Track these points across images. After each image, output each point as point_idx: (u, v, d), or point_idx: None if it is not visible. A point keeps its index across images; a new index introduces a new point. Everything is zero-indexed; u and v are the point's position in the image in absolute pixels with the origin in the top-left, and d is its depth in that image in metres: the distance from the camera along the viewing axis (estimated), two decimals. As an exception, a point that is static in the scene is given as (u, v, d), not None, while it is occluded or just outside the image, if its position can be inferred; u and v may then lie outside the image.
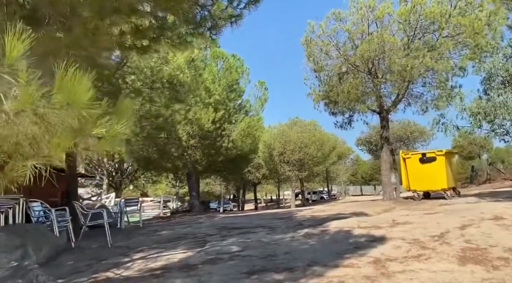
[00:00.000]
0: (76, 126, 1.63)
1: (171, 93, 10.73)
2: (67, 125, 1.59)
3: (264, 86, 20.93)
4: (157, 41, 4.86)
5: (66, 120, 1.57)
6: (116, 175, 30.50)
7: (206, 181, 34.92)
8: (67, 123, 1.59)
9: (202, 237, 8.01)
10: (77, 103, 1.53)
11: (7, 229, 5.85)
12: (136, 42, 4.80)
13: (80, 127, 1.66)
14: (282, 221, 9.75)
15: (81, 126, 1.65)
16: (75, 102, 1.53)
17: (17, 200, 7.17)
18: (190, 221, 12.26)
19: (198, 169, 18.94)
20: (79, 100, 1.53)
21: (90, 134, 1.80)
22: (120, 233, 10.05)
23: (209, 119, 16.64)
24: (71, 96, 1.50)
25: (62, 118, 1.55)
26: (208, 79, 17.34)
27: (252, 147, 21.28)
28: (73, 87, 1.49)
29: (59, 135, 1.62)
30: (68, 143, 1.69)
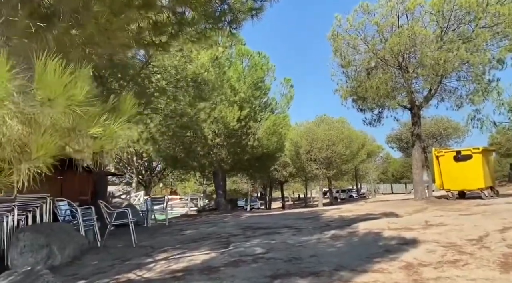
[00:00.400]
0: (68, 126, 1.48)
1: (195, 91, 10.66)
2: (55, 124, 1.44)
3: (290, 84, 20.64)
4: (175, 38, 4.72)
5: (55, 119, 1.42)
6: (145, 173, 31.03)
7: (233, 179, 34.94)
8: (56, 122, 1.44)
9: (226, 237, 7.87)
10: (61, 100, 1.38)
11: (33, 228, 5.91)
12: (154, 39, 4.68)
13: (73, 127, 1.51)
14: (308, 221, 9.48)
15: (74, 125, 1.50)
16: (58, 98, 1.37)
17: (44, 199, 7.26)
18: (215, 220, 12.18)
19: (224, 167, 18.89)
20: (63, 96, 1.38)
21: (86, 134, 1.65)
22: (146, 231, 10.09)
23: (234, 117, 16.53)
24: (52, 92, 1.35)
25: (49, 117, 1.40)
26: (233, 77, 17.22)
27: (278, 145, 21.03)
28: (54, 82, 1.33)
29: (46, 136, 1.47)
30: (54, 144, 1.54)
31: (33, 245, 5.77)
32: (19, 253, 5.67)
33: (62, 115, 1.44)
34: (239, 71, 17.75)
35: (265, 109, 20.04)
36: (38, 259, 5.78)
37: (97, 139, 1.75)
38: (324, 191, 52.88)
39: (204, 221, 12.26)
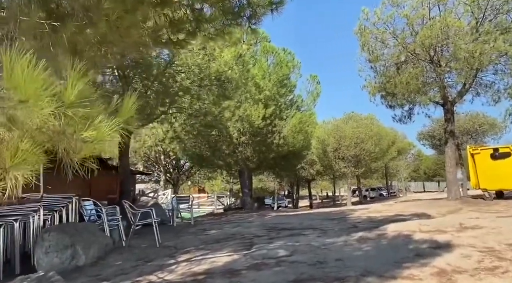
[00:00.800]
0: (57, 129, 1.36)
1: (219, 90, 10.57)
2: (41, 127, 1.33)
3: (316, 80, 20.24)
4: (193, 35, 4.59)
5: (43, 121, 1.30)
6: (173, 171, 31.43)
7: (259, 177, 34.82)
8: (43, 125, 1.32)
9: (249, 238, 7.72)
10: (35, 101, 1.25)
11: (58, 228, 5.97)
12: (172, 37, 4.57)
13: (62, 129, 1.39)
14: (334, 222, 9.20)
15: (63, 128, 1.38)
16: (31, 99, 1.24)
17: (70, 199, 7.35)
18: (240, 220, 12.08)
19: (249, 166, 18.79)
20: (38, 97, 1.25)
21: (78, 137, 1.53)
22: (171, 231, 10.10)
23: (259, 115, 16.37)
24: (23, 93, 1.22)
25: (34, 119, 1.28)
26: (258, 75, 17.05)
27: (304, 143, 20.72)
28: (25, 81, 1.20)
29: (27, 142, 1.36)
30: (35, 151, 1.42)
31: (58, 245, 5.82)
32: (44, 253, 5.72)
33: (50, 117, 1.32)
34: (264, 69, 17.56)
35: (291, 107, 19.77)
36: (63, 259, 5.83)
37: (87, 142, 1.63)
38: (353, 189, 51.94)
39: (229, 220, 12.19)
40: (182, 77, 10.07)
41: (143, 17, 3.82)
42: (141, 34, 3.92)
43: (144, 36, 3.96)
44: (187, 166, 30.13)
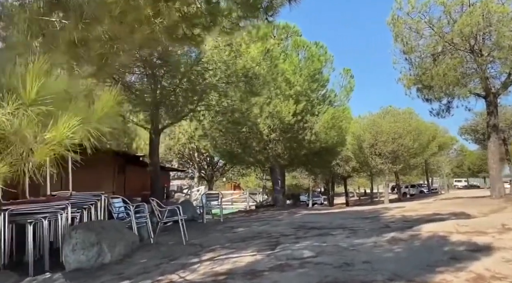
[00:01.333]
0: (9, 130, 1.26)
1: (246, 86, 10.45)
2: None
3: (349, 74, 19.65)
4: (209, 29, 4.47)
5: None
6: (207, 168, 31.79)
7: (293, 174, 34.46)
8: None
9: (276, 237, 7.55)
10: None
11: (85, 226, 6.07)
12: (187, 32, 4.46)
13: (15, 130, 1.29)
14: (366, 222, 8.84)
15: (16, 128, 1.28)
16: None
17: (98, 196, 7.49)
18: (270, 217, 11.92)
19: (280, 163, 18.57)
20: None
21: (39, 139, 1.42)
22: (200, 228, 10.12)
23: (289, 111, 16.09)
24: None
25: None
26: (288, 70, 16.75)
27: (338, 139, 20.19)
28: None
29: None
30: None
31: (85, 242, 5.91)
32: (71, 250, 5.83)
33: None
34: (295, 64, 17.24)
35: (323, 102, 19.31)
36: (89, 256, 5.92)
37: (47, 144, 1.53)
38: (392, 186, 50.43)
39: (258, 218, 12.06)
40: (210, 74, 10.03)
41: (154, 13, 3.72)
42: (152, 29, 3.82)
43: (156, 32, 3.86)
44: (221, 163, 30.35)
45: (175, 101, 10.48)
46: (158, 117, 10.18)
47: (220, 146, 17.62)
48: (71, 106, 1.59)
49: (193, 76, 10.28)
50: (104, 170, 12.78)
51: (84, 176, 11.41)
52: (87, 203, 7.22)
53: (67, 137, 1.58)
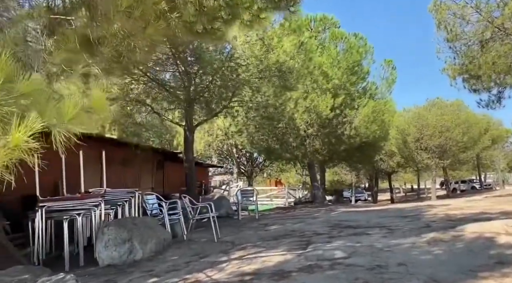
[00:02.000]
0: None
1: (279, 81, 10.23)
2: None
3: (391, 66, 18.79)
4: (229, 23, 4.33)
5: None
6: (247, 163, 31.89)
7: (334, 170, 33.73)
8: None
9: (308, 235, 7.32)
10: None
11: (117, 223, 6.19)
12: (207, 27, 4.35)
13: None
14: (405, 221, 8.37)
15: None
16: None
17: (133, 193, 7.62)
18: (306, 215, 11.68)
19: (318, 159, 18.17)
20: None
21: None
22: (234, 225, 10.08)
23: (327, 106, 15.64)
24: None
25: None
26: (325, 63, 16.29)
27: (380, 134, 19.41)
28: None
29: None
30: None
31: (116, 239, 6.02)
32: (104, 246, 5.96)
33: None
34: (333, 56, 16.72)
35: (364, 95, 18.62)
36: (121, 253, 6.02)
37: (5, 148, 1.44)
38: (441, 182, 48.12)
39: (294, 216, 11.86)
40: (242, 70, 9.92)
41: (170, 7, 3.64)
42: (168, 24, 3.73)
43: (172, 27, 3.76)
44: (260, 159, 30.31)
45: (209, 98, 10.49)
46: (191, 115, 10.24)
47: (257, 141, 17.52)
48: (39, 107, 1.51)
49: (226, 72, 10.22)
50: (143, 167, 13.11)
51: (124, 172, 11.77)
52: (122, 200, 7.37)
53: (24, 142, 1.50)
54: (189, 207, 7.80)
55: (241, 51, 9.29)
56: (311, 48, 11.74)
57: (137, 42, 3.59)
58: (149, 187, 13.62)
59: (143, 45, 3.71)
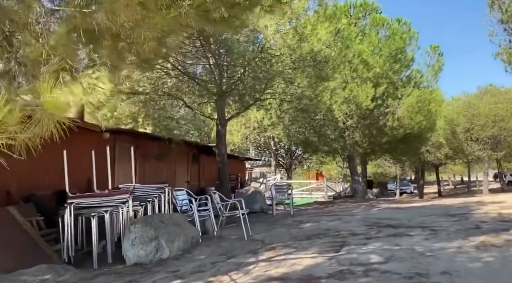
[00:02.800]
0: None
1: (314, 71, 9.74)
2: None
3: (437, 52, 17.53)
4: (248, 9, 3.98)
5: None
6: (286, 156, 31.49)
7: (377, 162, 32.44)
8: None
9: (344, 236, 6.88)
10: None
11: (144, 220, 6.08)
12: (225, 14, 4.02)
13: None
14: (452, 220, 7.67)
15: None
16: None
17: (162, 189, 7.52)
18: (344, 211, 11.16)
19: (359, 151, 17.41)
20: None
21: None
22: (267, 221, 9.80)
23: (368, 96, 14.86)
24: None
25: None
26: (366, 51, 15.47)
27: (427, 124, 18.21)
28: None
29: None
30: None
31: (143, 237, 5.91)
32: (131, 245, 5.87)
33: None
34: (374, 44, 15.84)
35: (408, 84, 17.57)
36: (147, 251, 5.91)
37: None
38: (494, 174, 45.18)
39: (331, 212, 11.38)
40: (274, 61, 9.53)
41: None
42: (179, 13, 3.44)
43: (183, 15, 3.47)
44: (299, 151, 29.77)
45: (241, 91, 10.21)
46: (223, 108, 10.02)
47: (293, 134, 17.07)
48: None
49: (258, 63, 9.89)
50: (178, 161, 13.12)
51: (159, 167, 11.82)
52: (151, 196, 7.29)
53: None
54: (218, 203, 7.59)
55: (273, 41, 8.89)
56: (349, 36, 11.09)
57: (143, 32, 3.34)
58: (185, 180, 13.65)
59: (152, 35, 3.47)
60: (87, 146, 8.63)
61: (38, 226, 6.46)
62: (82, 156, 8.46)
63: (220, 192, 11.06)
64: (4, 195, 6.31)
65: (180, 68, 9.23)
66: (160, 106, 10.21)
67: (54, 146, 7.21)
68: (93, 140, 8.66)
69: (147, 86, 9.40)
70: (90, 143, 8.62)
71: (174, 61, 9.03)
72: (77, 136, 8.37)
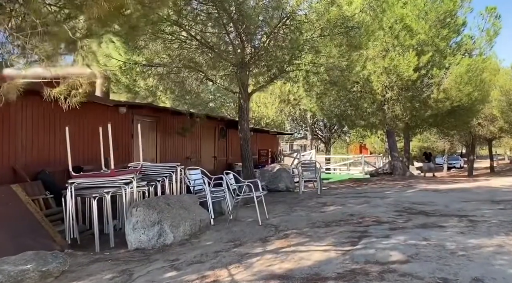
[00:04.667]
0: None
1: (346, 39, 8.77)
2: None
3: (493, 15, 15.46)
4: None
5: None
6: (324, 129, 30.47)
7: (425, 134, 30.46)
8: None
9: (367, 224, 6.20)
10: None
11: (147, 203, 5.73)
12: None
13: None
14: (497, 208, 6.70)
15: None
16: None
17: (173, 168, 7.15)
18: (376, 191, 10.35)
19: (399, 125, 16.14)
20: None
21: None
22: (290, 201, 9.25)
23: (410, 65, 13.49)
24: None
25: None
26: (409, 15, 13.96)
27: (478, 96, 16.42)
28: None
29: None
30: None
31: (145, 221, 5.60)
32: (132, 229, 5.59)
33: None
34: (419, 7, 14.25)
35: (458, 50, 15.84)
36: (149, 236, 5.61)
37: None
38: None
39: (362, 192, 10.59)
40: (302, 28, 8.64)
41: None
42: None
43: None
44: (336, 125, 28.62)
45: (265, 62, 9.48)
46: (245, 81, 9.38)
47: (328, 107, 16.07)
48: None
49: (281, 32, 9.07)
50: (204, 135, 12.77)
51: (182, 142, 11.52)
52: (161, 175, 6.94)
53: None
54: (232, 185, 7.12)
55: (295, 6, 7.99)
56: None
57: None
58: (212, 156, 13.32)
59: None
60: (101, 120, 8.40)
61: (46, 205, 6.33)
62: (96, 132, 8.25)
63: (243, 171, 10.65)
64: (9, 173, 6.18)
65: (198, 38, 8.63)
66: (181, 80, 9.73)
67: (65, 120, 7.05)
68: (108, 115, 8.41)
69: (166, 57, 8.92)
70: (104, 117, 8.38)
71: (189, 29, 8.43)
72: (91, 110, 8.17)
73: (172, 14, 7.54)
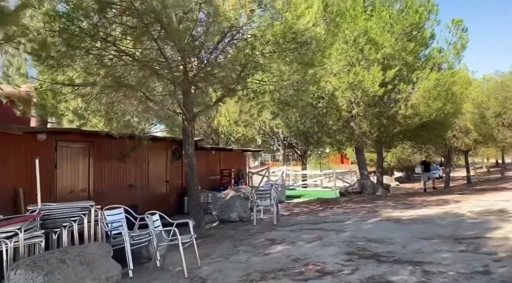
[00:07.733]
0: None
1: (294, 56, 7.95)
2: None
3: (460, 27, 14.97)
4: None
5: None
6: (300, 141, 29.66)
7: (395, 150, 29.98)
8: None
9: (307, 276, 5.23)
10: None
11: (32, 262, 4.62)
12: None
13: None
14: (458, 249, 5.85)
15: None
16: None
17: (86, 208, 6.10)
18: (335, 221, 9.44)
19: (367, 143, 15.44)
20: None
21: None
22: (237, 237, 8.27)
23: (375, 81, 12.81)
24: None
25: None
26: (373, 28, 13.34)
27: (450, 109, 15.85)
28: None
29: None
30: None
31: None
32: (10, 297, 4.48)
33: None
34: (384, 20, 13.65)
35: (427, 64, 15.26)
36: None
37: None
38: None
39: (322, 221, 9.66)
40: (242, 46, 7.78)
41: None
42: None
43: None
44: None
45: (211, 80, 8.58)
46: (188, 100, 8.46)
47: (294, 124, 15.27)
48: None
49: (227, 47, 8.21)
50: (153, 159, 11.70)
51: (124, 169, 10.45)
52: (70, 219, 5.88)
53: None
54: (156, 229, 6.10)
55: (235, 22, 7.11)
56: (341, 10, 9.05)
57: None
58: (164, 180, 12.26)
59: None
60: (15, 151, 7.33)
61: None
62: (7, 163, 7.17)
63: (189, 200, 9.64)
64: None
65: (128, 52, 7.66)
66: (112, 100, 8.73)
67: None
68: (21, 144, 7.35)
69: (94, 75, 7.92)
70: (18, 147, 7.32)
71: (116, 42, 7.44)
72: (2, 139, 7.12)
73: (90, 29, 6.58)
